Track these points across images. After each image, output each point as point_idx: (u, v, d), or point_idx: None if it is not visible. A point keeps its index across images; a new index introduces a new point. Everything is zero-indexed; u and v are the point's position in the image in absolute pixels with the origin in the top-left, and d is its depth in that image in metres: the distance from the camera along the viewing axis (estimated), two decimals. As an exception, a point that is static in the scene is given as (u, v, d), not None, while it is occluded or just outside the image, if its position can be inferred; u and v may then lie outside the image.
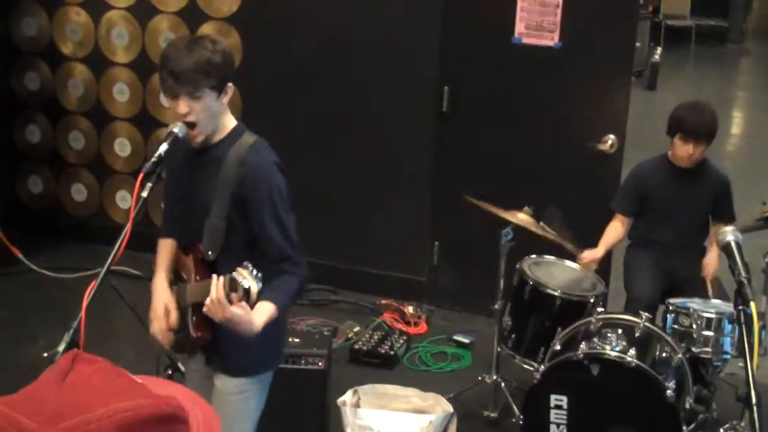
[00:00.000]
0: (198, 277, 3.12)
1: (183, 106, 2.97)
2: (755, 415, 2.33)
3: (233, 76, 3.09)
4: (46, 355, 2.64)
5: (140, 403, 1.16)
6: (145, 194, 2.91)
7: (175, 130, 3.01)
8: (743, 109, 13.90)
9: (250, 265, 2.79)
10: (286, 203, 3.07)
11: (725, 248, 2.87)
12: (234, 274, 2.78)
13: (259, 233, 3.05)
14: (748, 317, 2.55)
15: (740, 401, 4.01)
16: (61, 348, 2.65)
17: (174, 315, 3.17)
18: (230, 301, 2.80)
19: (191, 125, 3.00)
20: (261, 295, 2.84)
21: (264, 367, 3.30)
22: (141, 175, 2.90)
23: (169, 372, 3.71)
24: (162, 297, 3.20)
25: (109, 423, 1.13)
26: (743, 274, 2.72)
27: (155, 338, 3.23)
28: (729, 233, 2.90)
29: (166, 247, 3.30)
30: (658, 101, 12.42)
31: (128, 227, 2.83)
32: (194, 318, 3.11)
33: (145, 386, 1.21)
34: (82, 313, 2.66)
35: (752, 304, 2.56)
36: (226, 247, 3.07)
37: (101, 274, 2.74)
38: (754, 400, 2.35)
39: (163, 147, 2.97)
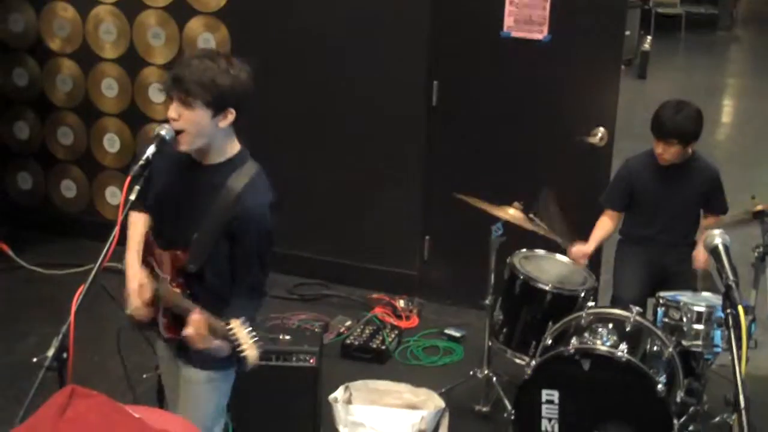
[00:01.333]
0: (174, 284, 3.16)
1: (173, 110, 2.99)
2: (743, 419, 2.32)
3: (239, 104, 3.05)
4: (35, 360, 2.63)
5: None
6: (132, 197, 2.90)
7: (163, 132, 3.00)
8: (733, 96, 13.91)
9: (244, 325, 2.88)
10: (270, 244, 3.16)
11: (713, 251, 2.86)
12: (232, 334, 2.85)
13: (241, 263, 3.15)
14: (737, 321, 2.54)
15: (729, 405, 4.04)
16: (50, 353, 2.64)
17: (147, 291, 3.19)
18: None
19: (178, 131, 3.01)
20: (232, 314, 2.96)
21: (229, 364, 3.34)
22: (128, 179, 2.89)
23: (159, 372, 3.71)
24: (136, 275, 3.22)
25: None
26: (731, 277, 2.71)
27: (133, 316, 3.25)
28: (716, 236, 2.89)
29: (140, 223, 3.32)
30: (649, 90, 12.45)
31: (116, 231, 2.82)
32: (165, 320, 3.21)
33: (141, 421, 1.21)
34: (71, 318, 2.65)
35: (740, 308, 2.55)
36: (208, 263, 3.13)
37: (89, 280, 2.73)
38: (742, 405, 2.35)
39: (151, 149, 2.97)
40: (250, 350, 2.84)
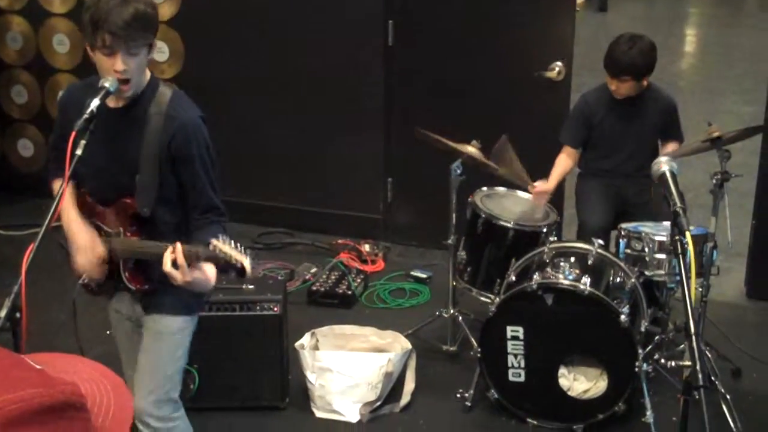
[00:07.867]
0: (128, 233, 3.11)
1: (120, 63, 2.90)
2: (694, 344, 2.34)
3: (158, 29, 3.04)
4: (-15, 322, 2.59)
5: (30, 394, 1.13)
6: (79, 152, 2.84)
7: (107, 84, 2.94)
8: (695, 26, 13.89)
9: (226, 238, 2.77)
10: (213, 156, 3.10)
11: (660, 178, 2.85)
12: (218, 251, 2.74)
13: (190, 186, 3.07)
14: (685, 247, 2.54)
15: (679, 332, 4.06)
16: (2, 313, 2.60)
17: (100, 248, 3.12)
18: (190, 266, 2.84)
19: (124, 81, 2.94)
20: (200, 241, 2.88)
21: (197, 307, 3.34)
22: (73, 133, 2.84)
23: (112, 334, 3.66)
24: (83, 231, 3.14)
25: None
26: (678, 203, 2.71)
27: (87, 284, 3.20)
28: (664, 163, 2.89)
29: (68, 192, 3.21)
30: (610, 23, 12.39)
31: (63, 186, 2.78)
32: (127, 273, 3.14)
33: (43, 373, 1.18)
34: (22, 276, 2.61)
35: (688, 234, 2.55)
36: (158, 202, 3.07)
37: (39, 237, 2.68)
38: (692, 330, 2.36)
39: (95, 103, 2.90)
40: (243, 259, 2.73)
